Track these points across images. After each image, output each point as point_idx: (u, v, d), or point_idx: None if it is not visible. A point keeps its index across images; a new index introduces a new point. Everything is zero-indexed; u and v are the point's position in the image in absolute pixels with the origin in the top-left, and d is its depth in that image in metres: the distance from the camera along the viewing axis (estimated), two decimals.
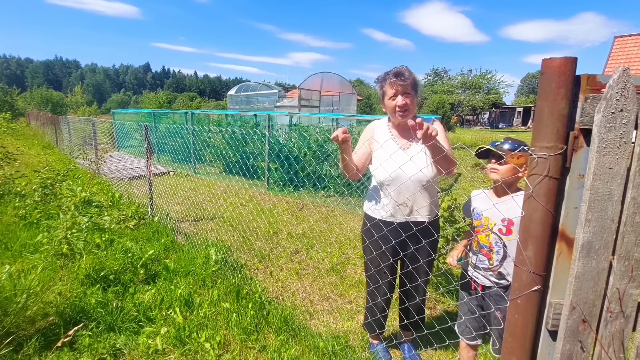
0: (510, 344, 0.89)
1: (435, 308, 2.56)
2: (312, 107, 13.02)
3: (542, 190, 0.80)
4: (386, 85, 1.68)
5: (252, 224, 4.18)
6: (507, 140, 1.53)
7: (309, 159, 5.74)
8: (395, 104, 1.65)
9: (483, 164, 1.58)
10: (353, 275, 3.02)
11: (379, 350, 1.99)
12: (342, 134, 1.57)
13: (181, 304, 2.34)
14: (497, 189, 1.57)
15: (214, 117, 11.16)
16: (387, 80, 1.66)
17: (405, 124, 1.75)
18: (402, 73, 1.64)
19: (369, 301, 1.95)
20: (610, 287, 0.80)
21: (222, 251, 3.23)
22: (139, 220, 4.10)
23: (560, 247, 0.82)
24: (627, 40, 14.40)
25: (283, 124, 8.22)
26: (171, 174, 7.33)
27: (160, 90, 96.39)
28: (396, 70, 1.66)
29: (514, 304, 0.87)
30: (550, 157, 0.78)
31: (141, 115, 12.01)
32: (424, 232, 1.72)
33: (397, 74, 1.64)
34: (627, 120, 0.73)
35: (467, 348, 1.75)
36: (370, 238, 1.83)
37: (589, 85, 0.76)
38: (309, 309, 2.51)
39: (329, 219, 4.64)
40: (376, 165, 1.76)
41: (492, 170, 1.52)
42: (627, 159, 0.74)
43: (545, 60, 0.78)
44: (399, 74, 1.64)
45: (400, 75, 1.63)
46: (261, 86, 17.27)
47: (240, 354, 1.96)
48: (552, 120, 0.77)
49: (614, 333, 0.81)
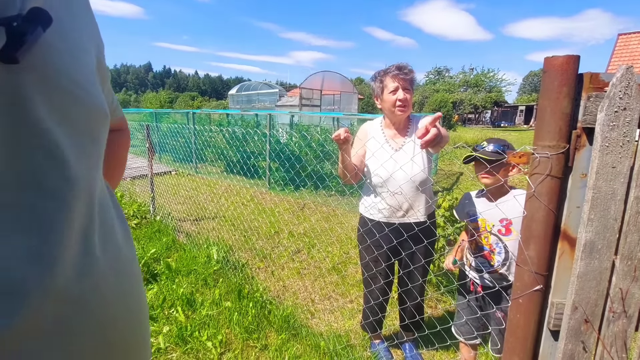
0: (512, 343, 0.89)
1: (437, 308, 2.56)
2: (313, 107, 13.01)
3: (544, 190, 0.79)
4: (387, 78, 1.65)
5: (254, 224, 4.19)
6: (490, 142, 1.53)
7: (310, 159, 5.74)
8: (396, 98, 1.62)
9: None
10: (354, 275, 3.02)
11: (380, 349, 1.99)
12: (344, 133, 1.56)
13: (183, 303, 2.35)
14: (490, 192, 1.56)
15: (215, 117, 11.18)
16: (389, 74, 1.64)
17: (400, 123, 1.73)
18: (404, 67, 1.63)
19: (366, 302, 1.95)
20: (613, 287, 0.79)
21: (224, 250, 3.23)
22: (141, 219, 4.11)
23: (563, 246, 0.82)
24: (631, 37, 14.32)
25: (284, 123, 8.22)
26: (173, 174, 7.34)
27: (162, 90, 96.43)
28: (399, 65, 1.64)
29: (516, 304, 0.87)
30: (552, 156, 0.77)
31: (143, 114, 12.04)
32: (421, 232, 1.71)
33: (400, 67, 1.62)
34: (631, 119, 0.72)
35: (467, 348, 1.75)
36: (366, 239, 1.82)
37: (592, 84, 0.76)
38: (310, 308, 2.51)
39: (330, 219, 4.64)
40: (371, 166, 1.75)
41: (483, 177, 1.52)
42: (630, 157, 0.74)
43: (547, 58, 0.77)
44: (402, 68, 1.62)
45: (402, 69, 1.62)
46: (262, 85, 17.28)
47: (241, 353, 1.96)
48: (554, 119, 0.77)
49: (617, 333, 0.81)
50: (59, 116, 0.31)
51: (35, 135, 0.29)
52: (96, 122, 0.38)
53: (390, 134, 1.75)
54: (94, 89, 0.37)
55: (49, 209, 0.31)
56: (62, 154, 0.31)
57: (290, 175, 5.76)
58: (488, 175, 1.49)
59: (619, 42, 14.51)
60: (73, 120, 0.33)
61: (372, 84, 1.75)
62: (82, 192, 0.34)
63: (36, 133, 0.29)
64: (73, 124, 0.34)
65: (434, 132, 1.22)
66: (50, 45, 0.31)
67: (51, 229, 0.31)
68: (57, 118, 0.31)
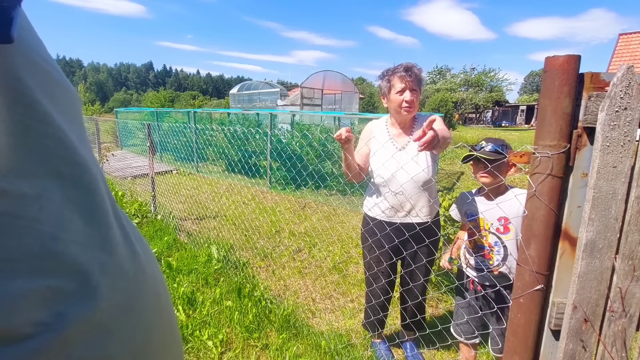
0: (513, 343, 0.89)
1: (438, 307, 2.56)
2: (314, 106, 13.01)
3: (545, 189, 0.79)
4: (395, 78, 1.64)
5: (255, 223, 4.19)
6: (488, 141, 1.53)
7: (311, 158, 5.74)
8: (402, 98, 1.62)
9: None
10: (355, 274, 3.02)
11: (381, 349, 1.99)
12: (346, 132, 1.56)
13: (184, 302, 2.36)
14: (489, 191, 1.56)
15: (216, 116, 11.17)
16: (397, 74, 1.64)
17: (405, 123, 1.73)
18: (413, 68, 1.63)
19: (368, 301, 1.95)
20: (614, 286, 0.79)
21: (225, 249, 3.24)
22: (142, 218, 4.12)
23: (563, 246, 0.82)
24: (632, 37, 14.29)
25: (285, 123, 8.23)
26: (174, 173, 7.35)
27: (162, 89, 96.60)
28: (407, 65, 1.64)
29: (517, 303, 0.87)
30: (553, 155, 0.77)
31: (144, 114, 12.04)
32: (424, 232, 1.70)
33: (408, 68, 1.62)
34: (632, 119, 0.72)
35: (468, 347, 1.75)
36: (370, 238, 1.82)
37: (593, 84, 0.76)
38: (311, 307, 2.51)
39: (331, 218, 4.65)
40: (375, 165, 1.75)
41: (482, 176, 1.52)
42: (631, 157, 0.74)
43: (548, 58, 0.77)
44: (410, 69, 1.62)
45: (410, 70, 1.62)
46: (263, 85, 17.27)
47: (242, 352, 1.97)
48: (555, 119, 0.77)
49: (617, 333, 0.81)
50: (51, 100, 0.30)
51: (42, 122, 0.28)
52: (78, 106, 0.37)
53: (395, 133, 1.76)
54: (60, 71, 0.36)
55: (82, 196, 0.31)
56: (68, 139, 0.31)
57: (291, 174, 5.76)
58: (487, 175, 1.50)
59: (619, 42, 14.47)
60: (61, 104, 0.32)
61: (380, 82, 1.74)
62: (97, 176, 0.34)
63: (42, 120, 0.28)
64: (65, 109, 0.33)
65: (431, 134, 1.23)
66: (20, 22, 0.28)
67: (94, 215, 0.31)
68: (51, 102, 0.30)
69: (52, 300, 0.26)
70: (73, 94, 0.36)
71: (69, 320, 0.27)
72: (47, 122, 0.29)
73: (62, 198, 0.29)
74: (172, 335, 0.44)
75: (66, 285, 0.27)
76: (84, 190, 0.31)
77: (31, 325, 0.25)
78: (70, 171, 0.31)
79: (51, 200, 0.28)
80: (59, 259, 0.27)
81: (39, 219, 0.26)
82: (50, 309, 0.26)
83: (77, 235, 0.29)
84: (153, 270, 0.41)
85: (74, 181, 0.31)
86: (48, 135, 0.29)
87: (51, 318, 0.26)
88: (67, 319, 0.27)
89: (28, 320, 0.24)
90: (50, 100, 0.30)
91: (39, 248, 0.26)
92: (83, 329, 0.28)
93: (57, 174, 0.29)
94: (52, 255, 0.27)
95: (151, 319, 0.38)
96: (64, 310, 0.27)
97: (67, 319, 0.27)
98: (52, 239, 0.27)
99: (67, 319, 0.27)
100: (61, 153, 0.30)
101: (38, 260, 0.26)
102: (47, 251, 0.26)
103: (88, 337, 0.28)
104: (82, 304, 0.28)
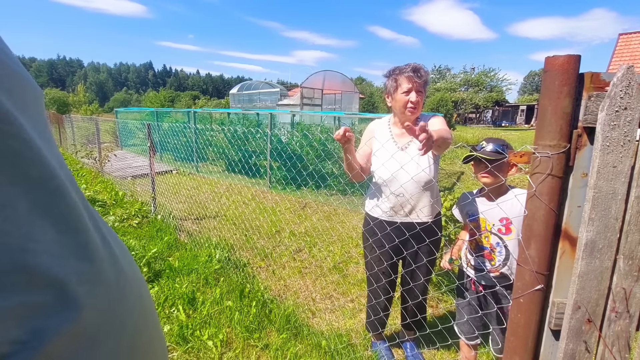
0: (513, 343, 0.89)
1: (438, 307, 2.56)
2: (314, 106, 13.00)
3: (545, 189, 0.79)
4: (402, 77, 1.63)
5: (255, 223, 4.19)
6: (489, 141, 1.53)
7: (311, 158, 5.74)
8: (408, 99, 1.62)
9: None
10: (355, 274, 3.02)
11: (381, 349, 1.99)
12: (345, 132, 1.56)
13: (184, 302, 2.36)
14: (490, 191, 1.56)
15: (216, 116, 11.17)
16: (404, 74, 1.63)
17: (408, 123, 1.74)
18: (421, 70, 1.62)
19: (370, 300, 1.95)
20: (614, 286, 0.79)
21: (225, 249, 3.24)
22: (142, 218, 4.12)
23: (564, 246, 0.82)
24: (632, 37, 14.28)
25: (285, 123, 8.22)
26: (174, 173, 7.35)
27: (162, 89, 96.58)
28: (415, 66, 1.63)
29: (517, 303, 0.87)
30: (553, 155, 0.77)
31: (144, 114, 12.03)
32: (425, 232, 1.70)
33: (416, 69, 1.61)
34: (632, 119, 0.72)
35: (468, 347, 1.75)
36: (371, 237, 1.83)
37: (593, 83, 0.76)
38: (311, 307, 2.51)
39: (332, 218, 4.65)
40: (376, 164, 1.75)
41: (483, 176, 1.52)
42: (631, 157, 0.74)
43: (548, 58, 0.77)
44: (418, 70, 1.61)
45: (418, 71, 1.61)
46: (263, 85, 17.27)
47: (242, 352, 1.97)
48: (555, 119, 0.77)
49: (618, 333, 0.81)
50: (9, 95, 0.28)
51: (2, 121, 0.26)
52: (40, 101, 0.35)
53: (397, 133, 1.76)
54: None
55: (51, 201, 0.29)
56: (32, 139, 0.28)
57: (291, 174, 5.76)
58: (488, 175, 1.50)
59: (619, 42, 14.46)
60: (21, 99, 0.30)
61: (386, 80, 1.73)
62: (65, 177, 0.32)
63: (2, 119, 0.26)
64: (25, 105, 0.30)
65: (424, 136, 1.21)
66: None
67: (67, 221, 0.29)
68: (10, 98, 0.28)
69: (28, 317, 0.25)
70: (34, 87, 0.33)
71: (48, 335, 0.26)
72: (8, 120, 0.26)
73: (30, 205, 0.27)
74: (157, 334, 0.43)
75: (41, 299, 0.25)
76: (53, 195, 0.29)
77: (7, 344, 0.23)
78: (37, 174, 0.28)
79: (17, 208, 0.26)
80: (31, 272, 0.25)
81: (4, 231, 0.24)
82: (26, 325, 0.24)
83: (49, 244, 0.27)
84: (134, 272, 0.40)
85: (41, 185, 0.28)
86: (11, 136, 0.26)
87: (28, 335, 0.24)
88: (46, 334, 0.25)
89: (3, 339, 0.23)
90: (9, 95, 0.27)
91: (8, 263, 0.24)
92: (66, 342, 0.27)
93: (22, 178, 0.27)
94: (22, 269, 0.25)
95: (136, 321, 0.37)
96: (41, 325, 0.25)
97: (45, 334, 0.25)
98: (21, 252, 0.25)
99: (46, 334, 0.25)
100: (26, 155, 0.27)
101: (7, 276, 0.24)
102: (16, 265, 0.25)
103: (72, 348, 0.27)
104: (61, 316, 0.26)
